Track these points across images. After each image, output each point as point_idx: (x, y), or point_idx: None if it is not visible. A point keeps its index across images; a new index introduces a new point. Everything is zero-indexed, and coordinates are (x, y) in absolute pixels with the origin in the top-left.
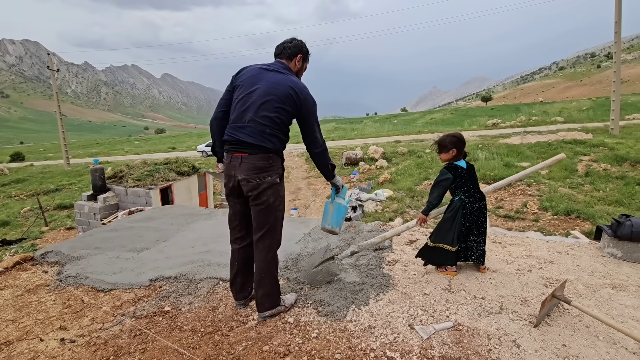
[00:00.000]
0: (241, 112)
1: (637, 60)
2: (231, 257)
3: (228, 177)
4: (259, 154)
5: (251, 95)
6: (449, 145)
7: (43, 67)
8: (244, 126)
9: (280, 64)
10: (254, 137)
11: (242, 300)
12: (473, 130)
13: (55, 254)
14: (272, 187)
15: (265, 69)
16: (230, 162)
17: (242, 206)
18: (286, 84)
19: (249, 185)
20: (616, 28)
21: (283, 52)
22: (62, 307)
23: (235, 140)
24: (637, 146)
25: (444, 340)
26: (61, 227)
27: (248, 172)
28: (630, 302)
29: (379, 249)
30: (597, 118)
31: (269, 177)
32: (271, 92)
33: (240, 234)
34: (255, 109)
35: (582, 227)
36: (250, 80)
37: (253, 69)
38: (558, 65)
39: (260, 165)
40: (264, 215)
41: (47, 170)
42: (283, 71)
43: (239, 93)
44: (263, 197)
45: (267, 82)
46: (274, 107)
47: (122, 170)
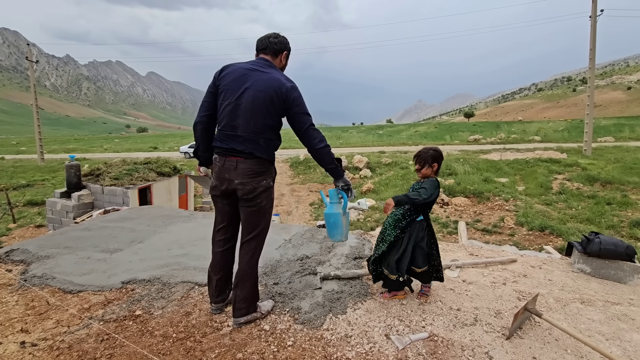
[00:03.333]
0: (232, 119)
1: (609, 86)
2: (213, 259)
3: (220, 180)
4: (255, 159)
5: (240, 101)
6: (430, 160)
7: (21, 57)
8: (237, 135)
9: (264, 62)
10: (249, 147)
11: (219, 304)
12: (455, 145)
13: (21, 252)
14: (266, 190)
15: (251, 69)
16: (225, 165)
17: (231, 208)
18: (275, 85)
19: (245, 188)
20: (591, 55)
21: (268, 48)
22: (25, 308)
23: (229, 148)
24: (608, 168)
25: (419, 351)
26: (30, 225)
27: (245, 176)
28: (597, 317)
29: (358, 257)
30: (572, 139)
31: (264, 180)
32: (260, 96)
33: (226, 236)
34: (246, 117)
35: (555, 242)
36: (237, 84)
37: (237, 70)
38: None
39: (256, 169)
40: (257, 217)
41: (18, 164)
42: (268, 70)
43: (225, 97)
44: (257, 200)
45: (255, 85)
46: (265, 112)
47: (100, 168)
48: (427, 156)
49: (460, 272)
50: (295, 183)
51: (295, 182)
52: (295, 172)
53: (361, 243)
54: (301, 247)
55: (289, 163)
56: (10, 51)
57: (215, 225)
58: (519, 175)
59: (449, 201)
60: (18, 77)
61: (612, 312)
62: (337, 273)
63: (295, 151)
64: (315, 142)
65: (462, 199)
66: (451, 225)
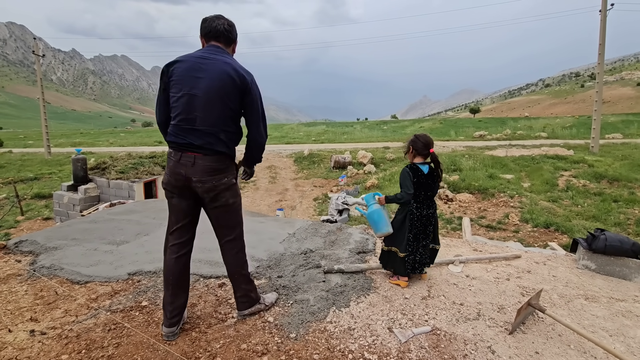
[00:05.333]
0: (188, 112)
1: (618, 82)
2: (165, 268)
3: (175, 176)
4: (215, 155)
5: (195, 92)
6: (409, 144)
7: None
8: (195, 129)
9: (217, 49)
10: (208, 141)
11: (173, 328)
12: (460, 141)
13: (29, 243)
14: (229, 188)
15: (204, 58)
16: (181, 160)
17: (188, 207)
18: (231, 72)
19: (204, 187)
20: (600, 50)
21: (222, 37)
22: (34, 298)
23: (187, 143)
24: (615, 165)
25: (421, 344)
26: (38, 217)
27: (203, 174)
28: (601, 313)
29: (362, 251)
30: (579, 135)
31: (226, 178)
32: (217, 85)
33: (181, 240)
34: (204, 109)
35: (560, 239)
36: (190, 74)
37: (189, 60)
38: (544, 82)
39: (216, 166)
40: (231, 216)
41: (26, 157)
42: (222, 57)
43: (179, 88)
44: (222, 199)
45: (210, 74)
46: (223, 102)
47: (106, 162)
48: (408, 142)
49: (464, 268)
50: (299, 178)
51: (299, 177)
52: (300, 167)
53: (365, 238)
54: (305, 241)
55: (293, 158)
56: (17, 45)
57: (169, 227)
58: (524, 171)
59: (453, 197)
60: (25, 71)
61: (616, 309)
62: (341, 267)
63: (300, 146)
64: (261, 136)
65: (467, 195)
66: (455, 222)
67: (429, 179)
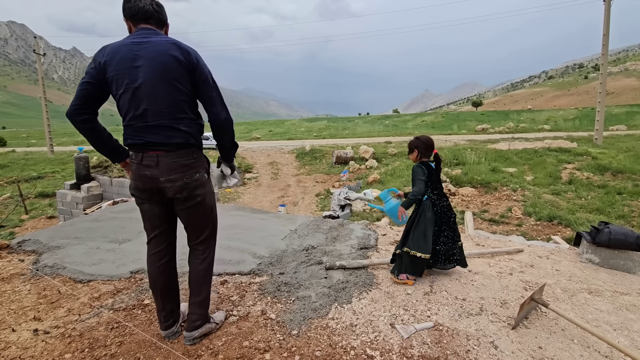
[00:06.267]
0: (136, 107)
1: (622, 73)
2: (150, 278)
3: (142, 179)
4: (179, 150)
5: (137, 83)
6: (411, 147)
7: (29, 50)
8: (148, 126)
9: (149, 31)
10: (167, 135)
11: (172, 329)
12: (463, 135)
13: (32, 242)
14: (203, 185)
15: (136, 43)
16: (143, 161)
17: (161, 211)
18: (171, 52)
19: (175, 186)
20: (604, 41)
21: (153, 18)
22: (37, 297)
23: (144, 143)
24: (619, 157)
25: (423, 340)
26: (42, 216)
27: (171, 172)
28: (605, 307)
29: (364, 247)
30: (583, 127)
31: (197, 173)
32: (159, 69)
33: (160, 247)
34: (151, 101)
35: (563, 233)
36: (125, 65)
37: (122, 49)
38: (547, 74)
39: (184, 162)
40: (202, 216)
41: (29, 157)
42: (157, 37)
43: (119, 84)
44: (197, 198)
45: (149, 60)
46: (172, 86)
47: (108, 160)
48: (410, 145)
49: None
50: (301, 174)
51: (301, 172)
52: (301, 163)
53: (367, 234)
54: (307, 237)
55: (295, 154)
56: (18, 44)
57: (147, 236)
58: (527, 165)
59: (456, 191)
60: (26, 70)
61: (620, 303)
62: (343, 263)
63: (301, 142)
64: (222, 112)
65: (469, 189)
66: (458, 216)
67: (437, 173)
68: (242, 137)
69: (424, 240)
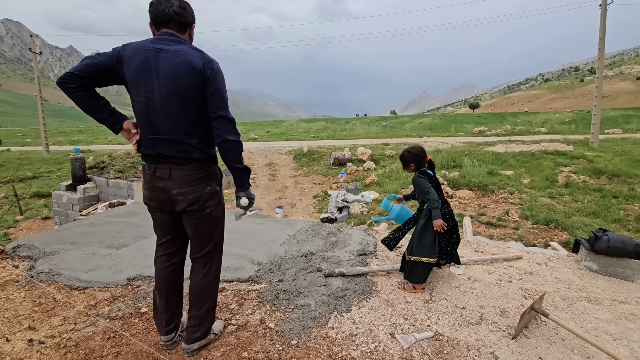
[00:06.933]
0: (150, 119)
1: (617, 77)
2: (156, 279)
3: (154, 190)
4: (192, 164)
5: (153, 94)
6: (407, 161)
7: (25, 48)
8: (161, 139)
9: (170, 37)
10: (180, 150)
11: (171, 335)
12: (460, 137)
13: (27, 247)
14: (213, 197)
15: (156, 50)
16: (156, 173)
17: (173, 219)
18: (187, 65)
19: (186, 199)
20: (600, 44)
21: (172, 21)
22: (32, 305)
23: (157, 154)
24: (615, 160)
25: (424, 351)
26: (37, 217)
27: (184, 185)
28: (604, 316)
29: (363, 254)
30: (579, 130)
31: (209, 186)
32: (176, 84)
33: (171, 250)
34: (167, 114)
35: (560, 236)
36: (142, 72)
37: (140, 53)
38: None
39: (197, 175)
40: (209, 228)
41: (24, 156)
42: (178, 47)
43: (135, 90)
44: (206, 210)
45: (166, 71)
46: (188, 103)
47: (104, 161)
48: (404, 159)
49: (466, 269)
50: (299, 175)
51: (298, 174)
52: (299, 164)
53: (365, 239)
54: (305, 242)
55: (293, 155)
56: (14, 42)
57: (158, 239)
58: (524, 167)
59: (453, 194)
60: (22, 68)
61: (619, 311)
62: (342, 270)
63: (299, 143)
64: (230, 132)
65: (467, 192)
66: (456, 218)
67: (436, 179)
68: None
69: (432, 245)
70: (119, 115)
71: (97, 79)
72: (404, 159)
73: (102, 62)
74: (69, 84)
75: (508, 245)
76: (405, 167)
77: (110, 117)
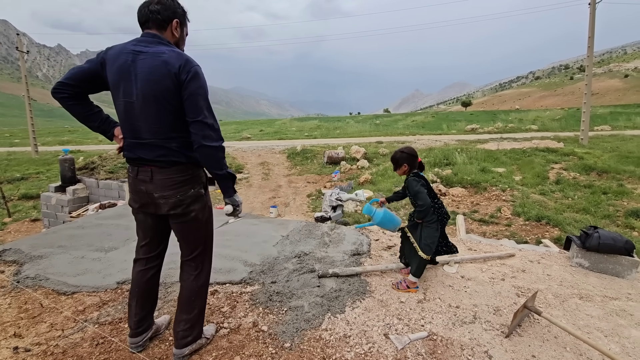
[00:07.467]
0: (130, 122)
1: (606, 74)
2: (132, 282)
3: (137, 193)
4: (173, 167)
5: (131, 98)
6: (400, 161)
7: (12, 47)
8: (140, 143)
9: (150, 38)
10: (160, 154)
11: (139, 338)
12: (453, 134)
13: (13, 252)
14: (197, 200)
15: (135, 52)
16: (138, 175)
17: (155, 222)
18: (163, 68)
19: (169, 202)
20: (589, 43)
21: (150, 20)
22: (18, 311)
23: (138, 158)
24: (604, 157)
25: (418, 351)
26: (26, 219)
27: (165, 188)
28: (595, 313)
29: (357, 254)
30: (569, 127)
31: (192, 189)
32: (149, 87)
33: (150, 254)
34: (144, 118)
35: (551, 233)
36: (121, 75)
37: (120, 57)
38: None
39: (179, 178)
40: (196, 232)
41: (12, 157)
42: (156, 48)
43: (115, 94)
44: (191, 214)
45: (142, 74)
46: (162, 108)
47: (94, 162)
48: (396, 159)
49: (459, 268)
50: (293, 174)
51: (292, 173)
52: (293, 162)
53: (359, 239)
54: (299, 243)
55: (286, 154)
56: (0, 41)
57: (138, 241)
58: (515, 165)
59: (446, 192)
60: (9, 67)
61: (610, 308)
62: (336, 270)
63: (292, 142)
64: (208, 138)
65: (459, 189)
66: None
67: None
68: (232, 137)
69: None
70: (112, 122)
71: (87, 85)
72: (396, 159)
73: (89, 69)
74: (60, 94)
75: (501, 243)
76: (397, 168)
77: (103, 124)
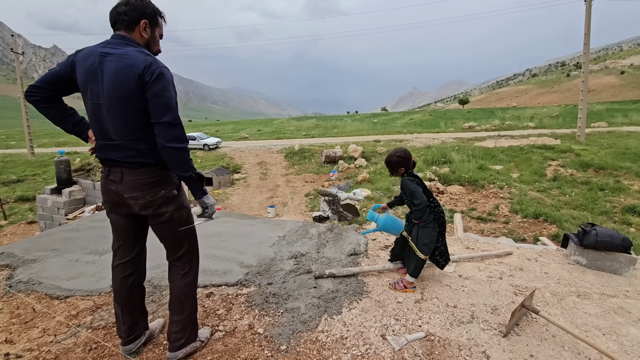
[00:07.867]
0: (99, 124)
1: (602, 71)
2: (114, 290)
3: (108, 193)
4: (142, 168)
5: (98, 99)
6: (396, 165)
7: (7, 48)
8: (109, 144)
9: (118, 40)
10: (128, 155)
11: (131, 345)
12: (450, 132)
13: (6, 256)
14: (170, 201)
15: (102, 54)
16: (109, 175)
17: (128, 222)
18: (127, 69)
19: (139, 203)
20: (585, 40)
21: (119, 21)
22: (10, 316)
23: (107, 158)
24: (601, 153)
25: (415, 352)
26: (22, 221)
27: (134, 189)
28: (593, 311)
29: (353, 254)
30: (566, 124)
31: (163, 190)
32: (115, 89)
33: (125, 259)
34: (112, 119)
35: (549, 230)
36: (89, 77)
37: (88, 59)
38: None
39: (148, 179)
40: (175, 232)
41: (8, 159)
42: (122, 50)
43: (84, 96)
44: (165, 215)
45: (109, 75)
46: (127, 109)
47: (91, 163)
48: (392, 163)
49: (457, 267)
50: (290, 174)
51: (290, 172)
52: (290, 162)
53: (356, 239)
54: (295, 243)
55: (284, 153)
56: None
57: (113, 243)
58: (513, 162)
59: (444, 190)
60: (4, 69)
61: (608, 305)
62: (332, 271)
63: (290, 141)
64: (171, 139)
65: (457, 187)
66: (446, 214)
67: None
68: (230, 136)
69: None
70: (86, 124)
71: (59, 88)
72: (392, 164)
73: (60, 72)
74: (33, 97)
75: (498, 242)
76: (394, 172)
77: (77, 126)
